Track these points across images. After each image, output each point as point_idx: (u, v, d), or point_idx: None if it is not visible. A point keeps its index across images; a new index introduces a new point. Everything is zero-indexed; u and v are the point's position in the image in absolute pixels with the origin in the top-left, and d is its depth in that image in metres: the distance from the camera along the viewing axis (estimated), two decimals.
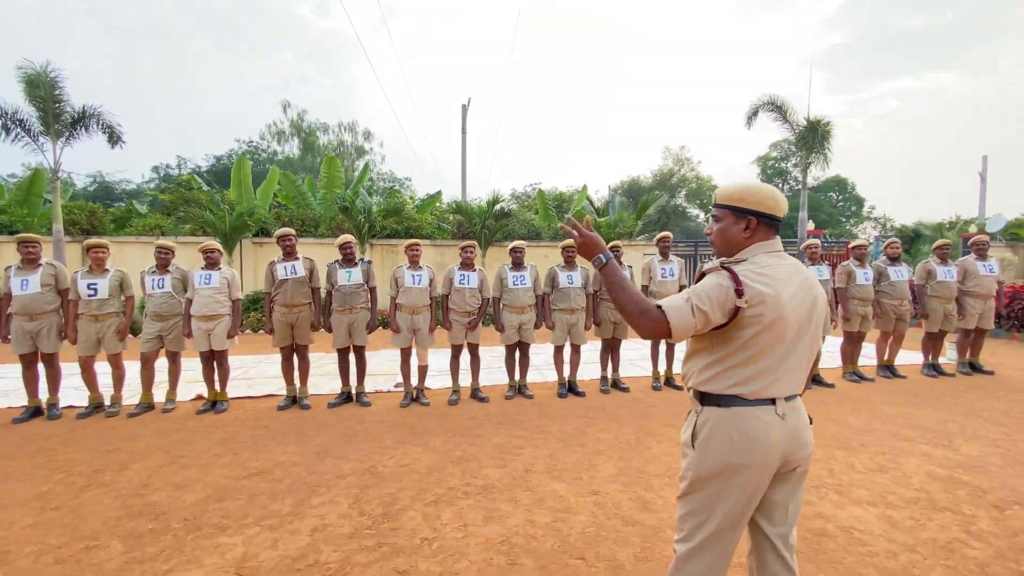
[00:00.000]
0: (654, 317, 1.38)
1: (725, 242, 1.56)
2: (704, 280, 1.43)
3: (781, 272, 1.45)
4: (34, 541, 2.58)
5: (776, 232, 1.55)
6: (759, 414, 1.42)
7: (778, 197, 1.51)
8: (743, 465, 1.41)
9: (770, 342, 1.42)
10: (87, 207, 12.50)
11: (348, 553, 2.43)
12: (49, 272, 4.65)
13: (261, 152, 33.94)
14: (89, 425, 4.46)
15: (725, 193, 1.55)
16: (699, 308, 1.36)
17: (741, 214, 1.51)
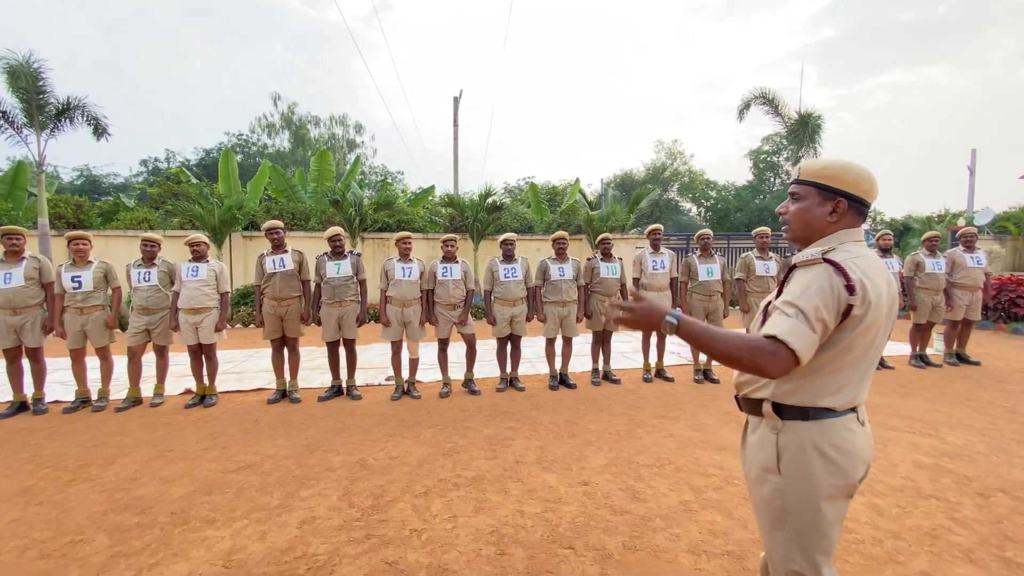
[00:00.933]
0: (771, 350, 1.17)
1: (804, 225, 1.37)
2: (807, 282, 1.23)
3: (873, 264, 1.29)
4: (18, 536, 2.55)
5: (864, 219, 1.38)
6: (848, 425, 1.29)
7: (874, 180, 1.34)
8: (848, 485, 1.29)
9: (864, 345, 1.27)
10: (73, 200, 12.31)
11: (337, 545, 2.42)
12: (33, 266, 4.57)
13: (251, 145, 33.57)
14: (75, 420, 4.41)
15: (813, 169, 1.36)
16: (819, 319, 1.19)
17: (830, 194, 1.33)
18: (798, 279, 1.26)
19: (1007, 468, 3.26)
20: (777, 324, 1.20)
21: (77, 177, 29.84)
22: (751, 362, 1.18)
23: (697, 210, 38.61)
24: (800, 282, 1.24)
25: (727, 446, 3.63)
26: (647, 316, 1.32)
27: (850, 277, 1.21)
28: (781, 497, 1.31)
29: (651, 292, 5.47)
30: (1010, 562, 2.27)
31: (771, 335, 1.18)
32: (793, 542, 1.31)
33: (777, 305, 1.25)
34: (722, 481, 3.06)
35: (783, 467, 1.30)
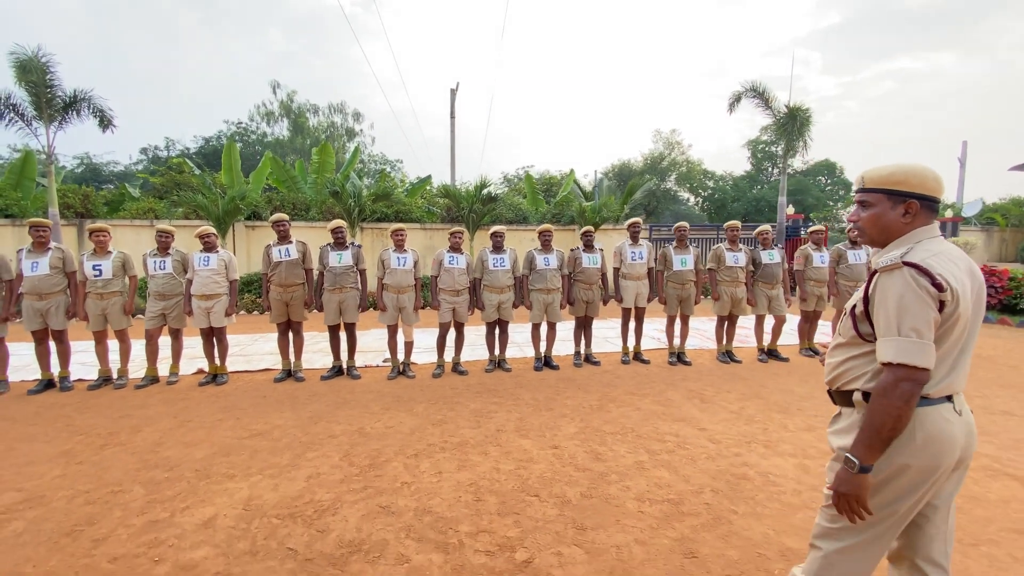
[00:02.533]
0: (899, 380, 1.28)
1: (881, 230, 1.44)
2: (897, 294, 1.30)
3: (954, 256, 1.35)
4: (64, 488, 2.98)
5: (936, 215, 1.43)
6: (942, 413, 1.35)
7: (940, 178, 1.40)
8: (929, 468, 1.34)
9: (953, 335, 1.33)
10: (81, 191, 12.65)
11: (339, 494, 2.86)
12: (57, 256, 4.97)
13: (251, 134, 33.71)
14: (100, 395, 4.84)
15: (879, 176, 1.42)
16: (919, 330, 1.27)
17: (900, 198, 1.39)
18: (882, 287, 1.33)
19: None
20: (896, 348, 1.28)
21: (78, 165, 30.07)
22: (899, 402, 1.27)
23: (695, 200, 38.91)
24: (889, 295, 1.31)
25: (686, 418, 4.07)
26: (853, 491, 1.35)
27: (934, 275, 1.27)
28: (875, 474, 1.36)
29: (629, 281, 5.88)
30: None
31: (889, 363, 1.29)
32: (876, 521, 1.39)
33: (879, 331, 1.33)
34: (675, 446, 3.50)
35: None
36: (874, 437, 1.31)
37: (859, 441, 1.33)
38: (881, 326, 1.33)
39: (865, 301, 1.40)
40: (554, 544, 2.36)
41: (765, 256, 6.09)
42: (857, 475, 1.33)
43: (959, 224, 15.47)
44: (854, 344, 1.45)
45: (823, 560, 1.48)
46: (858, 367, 1.43)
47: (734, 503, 2.73)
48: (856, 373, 1.43)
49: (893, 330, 1.30)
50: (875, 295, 1.36)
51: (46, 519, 2.61)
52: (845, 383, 1.46)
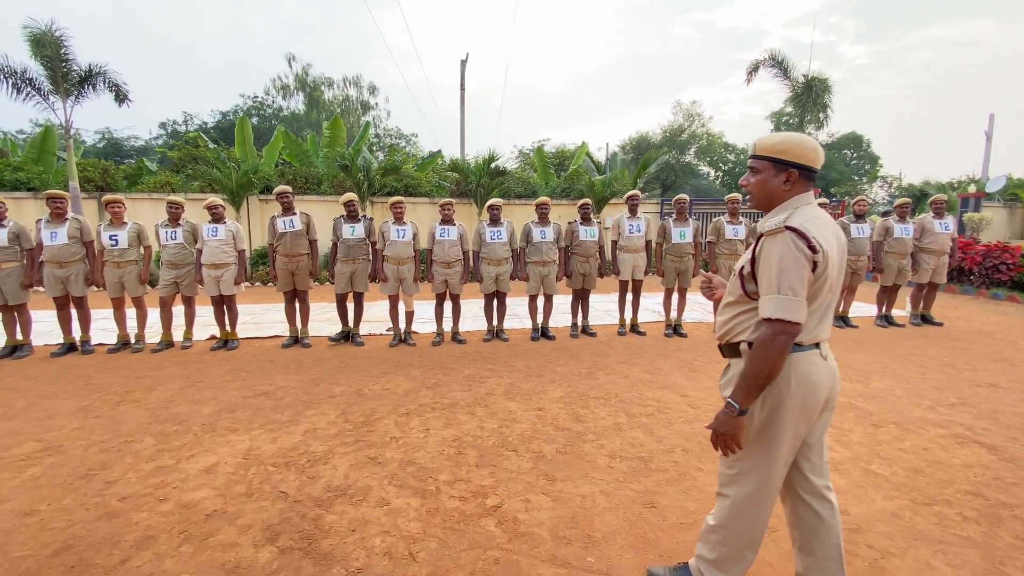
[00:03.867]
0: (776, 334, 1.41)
1: (765, 194, 1.57)
2: (779, 256, 1.43)
3: (827, 223, 1.51)
4: (82, 438, 3.24)
5: (813, 183, 1.57)
6: (812, 358, 1.51)
7: (819, 150, 1.54)
8: (804, 407, 1.50)
9: (823, 291, 1.49)
10: (100, 165, 12.99)
11: (332, 446, 3.07)
12: (75, 226, 5.21)
13: (266, 108, 33.85)
14: (118, 358, 5.13)
15: (766, 145, 1.55)
16: (795, 288, 1.41)
17: (782, 166, 1.53)
18: (767, 249, 1.46)
19: (911, 407, 3.76)
20: (773, 304, 1.42)
21: (99, 140, 30.65)
22: (775, 352, 1.41)
23: (715, 174, 38.16)
24: (772, 257, 1.44)
25: (671, 386, 4.18)
26: (731, 431, 1.50)
27: (810, 239, 1.42)
28: (752, 416, 1.54)
29: (626, 254, 5.94)
30: (870, 472, 2.81)
31: (768, 318, 1.42)
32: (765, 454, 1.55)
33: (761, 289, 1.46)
34: (655, 411, 3.63)
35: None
36: (752, 383, 1.45)
37: (739, 387, 1.47)
38: (764, 284, 1.47)
39: (752, 262, 1.52)
40: (524, 492, 2.53)
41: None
42: (736, 417, 1.49)
43: (981, 200, 14.97)
44: (741, 302, 1.59)
45: (731, 506, 1.64)
46: (744, 322, 1.57)
47: (701, 462, 2.86)
48: (743, 327, 1.58)
49: (773, 288, 1.43)
50: (760, 256, 1.49)
51: (62, 465, 2.87)
52: (733, 337, 1.61)
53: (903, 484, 2.66)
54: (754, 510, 1.60)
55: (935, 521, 2.33)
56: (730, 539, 1.65)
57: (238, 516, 2.35)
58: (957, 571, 1.99)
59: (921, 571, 1.99)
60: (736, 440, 1.51)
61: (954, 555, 2.09)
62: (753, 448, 1.57)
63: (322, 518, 2.33)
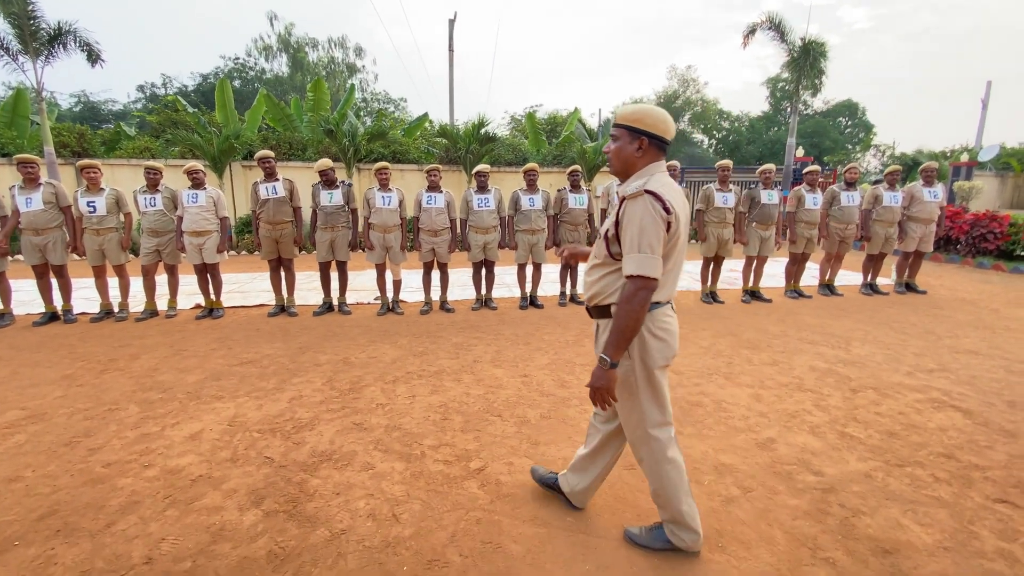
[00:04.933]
0: (638, 289, 1.55)
1: (621, 160, 1.69)
2: (639, 217, 1.56)
3: (676, 190, 1.65)
4: (65, 406, 3.23)
5: (665, 154, 1.71)
6: (668, 312, 1.73)
7: (668, 121, 1.66)
8: (668, 357, 1.72)
9: (675, 251, 1.66)
10: (76, 129, 12.55)
11: (318, 413, 3.08)
12: (49, 191, 5.06)
13: (248, 70, 32.69)
14: (101, 327, 5.08)
15: (623, 114, 1.67)
16: (653, 247, 1.55)
17: (636, 134, 1.65)
18: (629, 212, 1.59)
19: (889, 373, 3.83)
20: (633, 262, 1.56)
21: (76, 104, 29.57)
22: (638, 307, 1.56)
23: (709, 142, 37.73)
24: (634, 218, 1.57)
25: None
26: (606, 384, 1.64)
27: (666, 202, 1.57)
28: (632, 373, 1.72)
29: None
30: (845, 435, 2.87)
31: (630, 275, 1.56)
32: (647, 404, 1.75)
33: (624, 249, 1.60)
34: None
35: (631, 350, 1.70)
36: (620, 338, 1.60)
37: (609, 343, 1.62)
38: (626, 244, 1.60)
39: (616, 225, 1.65)
40: (507, 456, 2.57)
41: (764, 195, 6.01)
42: (609, 371, 1.64)
43: (973, 169, 14.98)
44: (607, 264, 1.72)
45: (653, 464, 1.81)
46: (612, 283, 1.71)
47: (682, 425, 2.92)
48: (611, 289, 1.71)
49: (635, 247, 1.57)
50: (623, 219, 1.62)
51: (46, 432, 2.86)
52: (603, 299, 1.74)
53: (877, 447, 2.73)
54: (668, 455, 1.79)
55: (907, 482, 2.40)
56: (669, 492, 1.81)
57: (223, 481, 2.37)
58: (927, 529, 2.06)
59: (891, 529, 2.06)
60: (611, 392, 1.67)
61: (924, 514, 2.16)
62: (644, 404, 1.75)
63: (307, 482, 2.35)
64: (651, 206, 1.56)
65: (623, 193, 1.64)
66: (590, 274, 1.78)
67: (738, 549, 1.93)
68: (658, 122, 1.65)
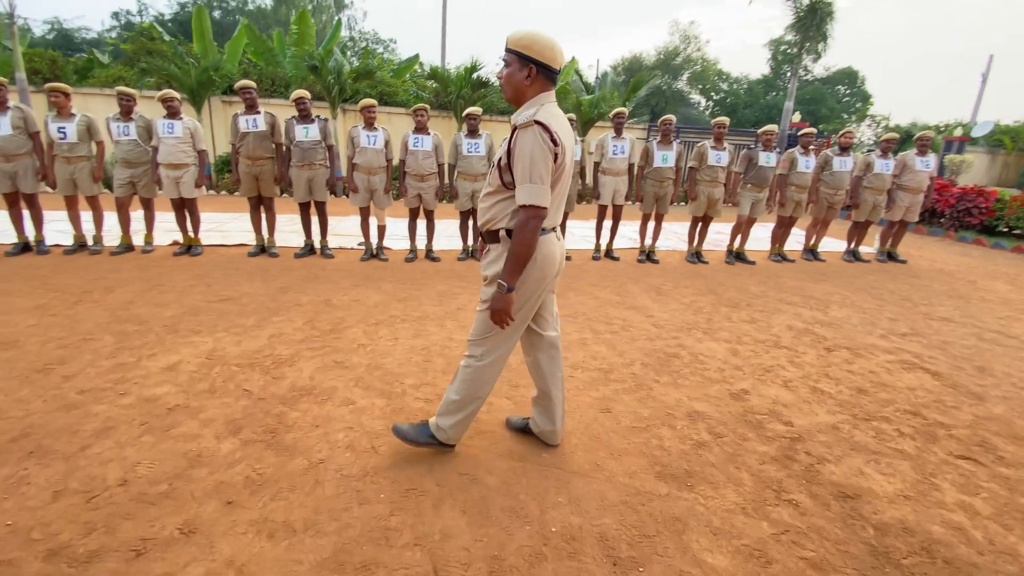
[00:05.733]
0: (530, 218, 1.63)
1: (512, 87, 1.72)
2: (529, 147, 1.60)
3: (563, 121, 1.70)
4: (38, 335, 3.16)
5: (554, 84, 1.73)
6: (551, 239, 1.82)
7: (557, 49, 1.67)
8: (545, 277, 1.83)
9: (561, 181, 1.73)
10: (48, 55, 11.81)
11: (298, 351, 3.07)
12: (18, 115, 4.78)
13: (229, 1, 30.75)
14: (75, 260, 4.94)
15: (513, 39, 1.67)
16: (543, 177, 1.61)
17: (525, 61, 1.66)
18: (520, 142, 1.62)
19: (864, 335, 3.92)
20: (524, 192, 1.62)
21: (48, 31, 27.66)
22: (531, 234, 1.65)
23: (706, 103, 36.97)
24: (524, 149, 1.61)
25: (638, 307, 4.26)
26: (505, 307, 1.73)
27: (553, 133, 1.61)
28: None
29: (608, 176, 5.80)
30: (817, 390, 2.96)
31: (523, 204, 1.63)
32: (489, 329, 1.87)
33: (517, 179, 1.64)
34: (620, 328, 3.71)
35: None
36: (516, 264, 1.69)
37: (506, 269, 1.71)
38: (518, 175, 1.64)
39: (508, 155, 1.67)
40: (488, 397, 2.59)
41: (763, 157, 5.93)
42: (507, 294, 1.73)
43: (965, 144, 14.97)
44: (500, 192, 1.77)
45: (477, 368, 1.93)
46: (503, 210, 1.76)
47: (659, 375, 2.97)
48: (502, 215, 1.77)
49: (527, 177, 1.62)
50: (515, 149, 1.64)
51: (19, 359, 2.81)
52: (494, 224, 1.81)
53: (846, 401, 2.82)
54: (493, 368, 1.95)
55: (872, 435, 2.50)
56: (467, 392, 1.96)
57: (200, 411, 2.36)
58: (888, 479, 2.15)
59: (853, 476, 2.15)
60: (510, 313, 1.77)
61: (887, 465, 2.25)
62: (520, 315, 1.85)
63: (286, 415, 2.36)
64: (540, 137, 1.59)
65: (514, 122, 1.67)
66: (484, 201, 1.83)
67: (706, 489, 2.00)
68: (545, 50, 1.66)
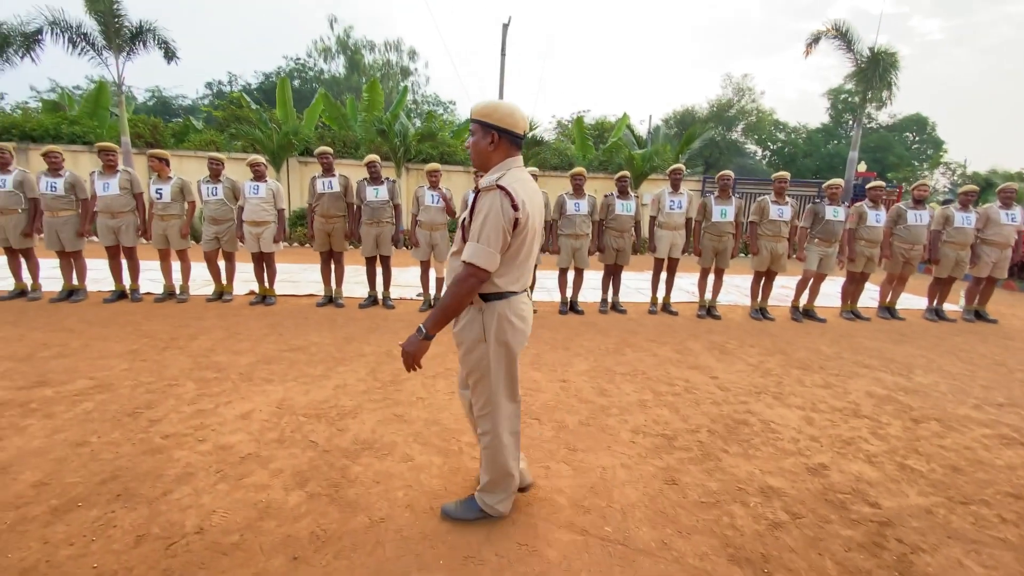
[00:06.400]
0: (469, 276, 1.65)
1: (477, 153, 1.78)
2: (487, 210, 1.63)
3: (530, 186, 1.75)
4: (130, 379, 3.43)
5: (519, 148, 1.78)
6: (523, 300, 1.86)
7: (517, 115, 1.72)
8: (524, 340, 1.87)
9: (527, 242, 1.76)
10: (150, 121, 13.41)
11: (361, 402, 3.15)
12: (125, 177, 5.41)
13: (308, 71, 34.06)
14: (164, 307, 5.38)
15: (476, 108, 1.75)
16: (492, 240, 1.63)
17: (488, 128, 1.72)
18: (481, 204, 1.66)
19: (955, 405, 3.58)
20: (471, 251, 1.65)
21: (150, 98, 31.56)
22: (465, 292, 1.67)
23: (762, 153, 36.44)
24: (482, 210, 1.64)
25: (701, 366, 4.10)
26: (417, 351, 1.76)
27: (515, 198, 1.64)
28: (486, 357, 1.82)
29: (665, 230, 5.78)
30: (906, 467, 2.70)
31: (465, 261, 1.66)
32: (499, 383, 1.87)
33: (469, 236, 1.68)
34: (683, 390, 3.57)
35: (488, 335, 1.80)
36: (442, 315, 1.71)
37: (432, 317, 1.72)
38: (471, 232, 1.68)
39: (471, 216, 1.70)
40: (545, 459, 2.55)
41: (830, 212, 5.75)
42: (423, 340, 1.74)
43: None
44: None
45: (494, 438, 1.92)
46: None
47: (727, 444, 2.82)
48: None
49: (475, 237, 1.65)
50: (475, 209, 1.68)
51: (112, 402, 3.05)
52: None
53: (940, 481, 2.55)
54: (509, 440, 1.94)
55: (971, 521, 2.24)
56: (503, 458, 1.94)
57: (270, 461, 2.45)
58: (990, 572, 1.91)
59: (952, 569, 1.92)
60: (418, 360, 1.77)
61: (988, 556, 2.00)
62: (496, 384, 1.86)
63: (349, 468, 2.41)
64: (500, 201, 1.63)
65: (480, 186, 1.71)
66: (452, 260, 1.85)
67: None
68: (506, 116, 1.71)
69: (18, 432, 2.65)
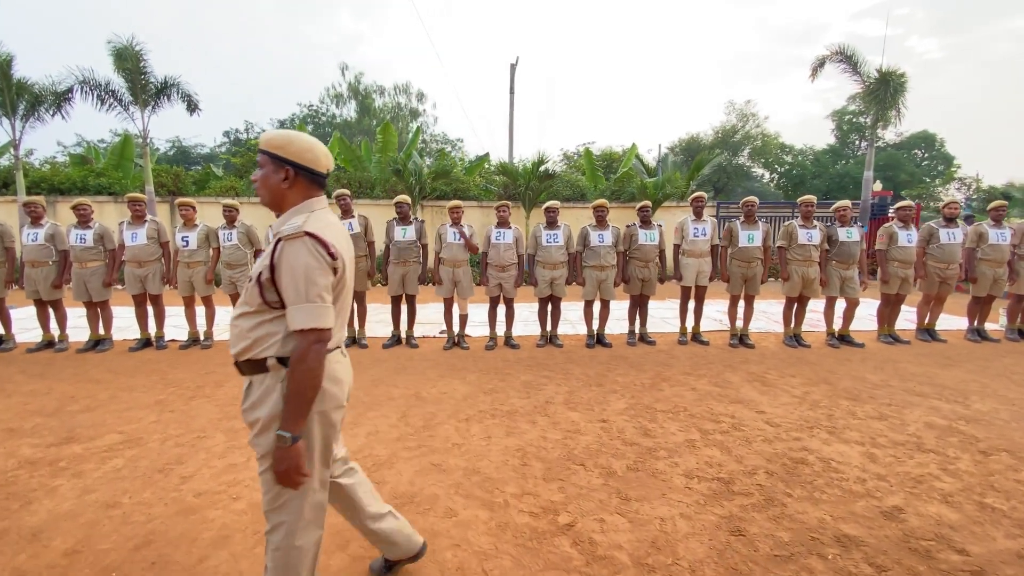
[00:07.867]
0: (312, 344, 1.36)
1: (267, 190, 1.50)
2: (300, 262, 1.37)
3: (339, 231, 1.51)
4: (158, 432, 3.35)
5: (322, 188, 1.55)
6: (338, 358, 1.54)
7: (317, 150, 1.50)
8: (339, 407, 1.53)
9: (343, 295, 1.51)
10: (172, 171, 13.80)
11: (395, 450, 3.03)
12: (153, 227, 5.49)
13: (321, 116, 35.16)
14: (190, 354, 5.35)
15: (266, 139, 1.49)
16: (323, 295, 1.39)
17: (280, 163, 1.47)
18: (289, 256, 1.37)
19: (1022, 434, 3.35)
20: (297, 313, 1.36)
21: (170, 148, 32.74)
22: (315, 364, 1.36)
23: (770, 176, 36.49)
24: (297, 264, 1.36)
25: (744, 400, 3.92)
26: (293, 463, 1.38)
27: (330, 246, 1.39)
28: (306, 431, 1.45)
29: (690, 258, 5.68)
30: (986, 507, 2.49)
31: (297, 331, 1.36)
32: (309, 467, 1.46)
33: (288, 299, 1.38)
34: (730, 427, 3.39)
35: None
36: (301, 404, 1.38)
37: (287, 414, 1.38)
38: (290, 295, 1.38)
39: (271, 268, 1.40)
40: (597, 511, 2.39)
41: (843, 233, 5.65)
42: (292, 446, 1.38)
43: None
44: (262, 311, 1.46)
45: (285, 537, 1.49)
46: (269, 334, 1.45)
47: (789, 486, 2.63)
48: (269, 340, 1.45)
49: (303, 297, 1.36)
50: (281, 262, 1.39)
51: (142, 458, 2.96)
52: (258, 352, 1.45)
53: None
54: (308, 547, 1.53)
55: None
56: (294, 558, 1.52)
57: None
58: None
59: None
60: (300, 469, 1.41)
61: None
62: (315, 461, 1.50)
63: None
64: (314, 250, 1.38)
65: (278, 232, 1.42)
66: (238, 323, 1.48)
67: None
68: (304, 151, 1.48)
69: (48, 494, 2.56)
